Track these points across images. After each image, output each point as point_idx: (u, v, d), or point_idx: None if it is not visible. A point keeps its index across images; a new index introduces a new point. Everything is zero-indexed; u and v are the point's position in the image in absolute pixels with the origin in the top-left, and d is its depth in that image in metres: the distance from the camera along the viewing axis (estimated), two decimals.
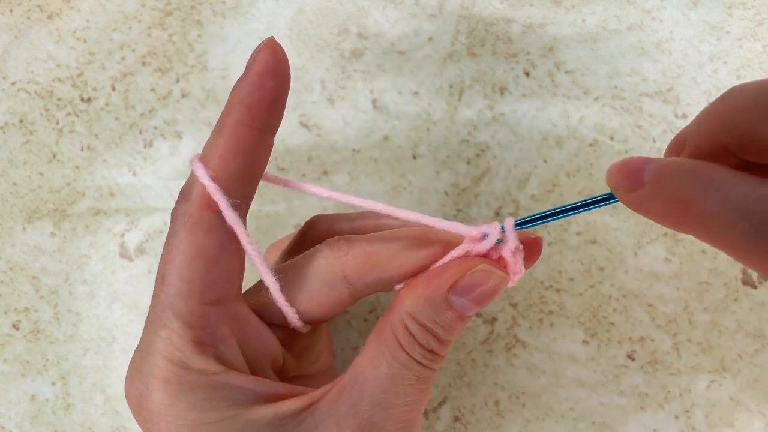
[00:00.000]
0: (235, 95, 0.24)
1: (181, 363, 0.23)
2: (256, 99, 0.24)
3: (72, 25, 0.38)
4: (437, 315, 0.24)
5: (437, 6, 0.37)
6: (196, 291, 0.24)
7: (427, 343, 0.24)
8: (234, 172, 0.24)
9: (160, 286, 0.24)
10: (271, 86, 0.24)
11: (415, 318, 0.24)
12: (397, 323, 0.24)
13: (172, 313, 0.23)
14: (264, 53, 0.24)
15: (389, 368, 0.23)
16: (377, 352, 0.24)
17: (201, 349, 0.23)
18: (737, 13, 0.36)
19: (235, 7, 0.38)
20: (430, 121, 0.36)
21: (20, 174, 0.37)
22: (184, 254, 0.24)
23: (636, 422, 0.33)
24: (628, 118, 0.35)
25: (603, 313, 0.34)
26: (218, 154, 0.24)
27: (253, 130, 0.24)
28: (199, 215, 0.24)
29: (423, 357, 0.24)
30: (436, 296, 0.24)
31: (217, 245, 0.24)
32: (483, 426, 0.33)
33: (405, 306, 0.24)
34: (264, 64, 0.24)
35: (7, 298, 0.36)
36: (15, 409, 0.35)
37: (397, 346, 0.24)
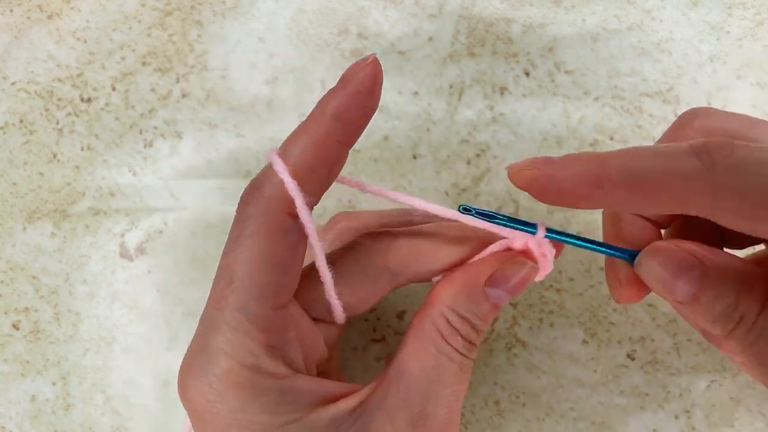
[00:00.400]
0: (327, 106, 0.24)
1: (254, 367, 0.23)
2: (352, 117, 0.24)
3: (72, 25, 0.38)
4: (475, 306, 0.25)
5: (437, 6, 0.37)
6: (270, 295, 0.23)
7: (467, 333, 0.25)
8: (314, 179, 0.24)
9: (227, 287, 0.23)
10: (368, 107, 0.24)
11: (455, 310, 0.25)
12: (437, 317, 0.25)
13: (245, 316, 0.23)
14: (368, 71, 0.24)
15: (435, 360, 0.24)
16: (420, 346, 0.25)
17: (272, 352, 0.23)
18: (737, 13, 0.36)
19: (235, 7, 0.38)
20: (430, 121, 0.36)
21: (20, 174, 0.37)
22: (257, 257, 0.23)
23: (636, 422, 0.33)
24: (628, 118, 0.35)
25: (603, 313, 0.34)
26: (302, 157, 0.24)
27: (340, 145, 0.24)
28: (275, 216, 0.24)
29: (464, 347, 0.25)
30: (474, 289, 0.25)
31: (289, 249, 0.24)
32: (483, 426, 0.33)
33: (445, 300, 0.25)
34: (368, 82, 0.24)
35: (7, 298, 0.36)
36: (15, 409, 0.35)
37: (440, 338, 0.25)
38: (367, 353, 0.34)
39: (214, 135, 0.36)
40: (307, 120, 0.24)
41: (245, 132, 0.36)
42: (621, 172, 0.22)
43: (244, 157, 0.36)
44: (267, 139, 0.36)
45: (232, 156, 0.36)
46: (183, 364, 0.24)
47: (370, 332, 0.35)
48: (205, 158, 0.36)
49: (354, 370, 0.34)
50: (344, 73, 0.24)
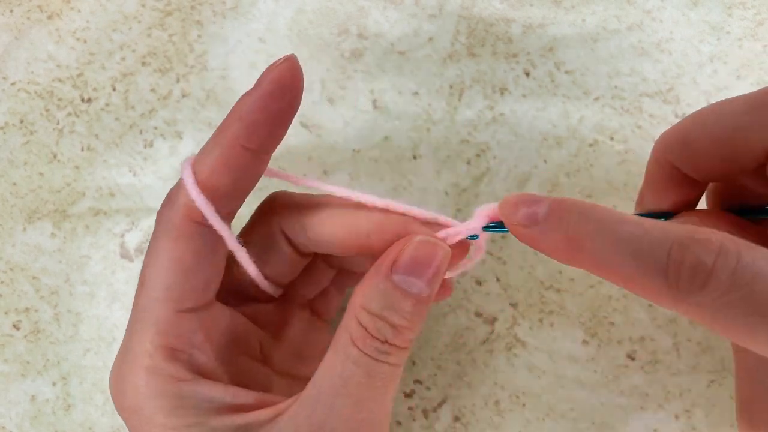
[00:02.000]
0: (237, 109, 0.24)
1: (151, 369, 0.23)
2: (255, 119, 0.23)
3: (72, 25, 0.38)
4: (387, 300, 0.23)
5: (437, 6, 0.37)
6: (172, 298, 0.24)
7: (379, 332, 0.22)
8: (222, 187, 0.24)
9: (140, 290, 0.25)
10: (275, 109, 0.23)
11: (366, 308, 0.23)
12: (349, 319, 0.23)
13: (147, 318, 0.24)
14: (276, 73, 0.23)
15: (341, 368, 0.23)
16: (332, 354, 0.23)
17: (173, 355, 0.24)
18: (737, 13, 0.36)
19: (235, 7, 0.38)
20: (430, 121, 0.36)
21: (20, 174, 0.37)
22: (163, 261, 0.24)
23: (636, 422, 0.33)
24: (628, 118, 0.35)
25: (603, 313, 0.34)
26: (210, 166, 0.24)
27: (247, 151, 0.24)
28: (181, 223, 0.24)
29: (375, 350, 0.23)
30: (380, 279, 0.23)
31: (195, 254, 0.24)
32: (483, 426, 0.33)
33: (356, 300, 0.23)
34: (273, 85, 0.23)
35: (7, 298, 0.36)
36: (15, 410, 0.35)
37: (348, 343, 0.23)
38: None
39: None
40: (220, 125, 0.24)
41: None
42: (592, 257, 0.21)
43: None
44: None
45: None
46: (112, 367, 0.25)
47: None
48: None
49: None
50: (260, 77, 0.23)
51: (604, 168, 0.35)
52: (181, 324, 0.24)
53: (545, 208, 0.22)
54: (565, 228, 0.22)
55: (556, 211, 0.22)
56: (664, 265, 0.20)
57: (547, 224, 0.22)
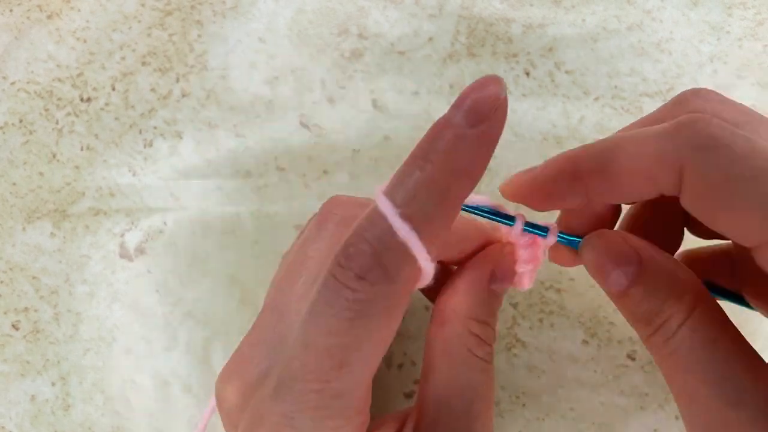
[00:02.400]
0: (462, 161, 0.20)
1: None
2: (478, 174, 0.21)
3: (72, 25, 0.38)
4: (489, 308, 0.25)
5: (437, 6, 0.37)
6: (369, 378, 0.22)
7: (488, 337, 0.25)
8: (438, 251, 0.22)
9: (336, 371, 0.20)
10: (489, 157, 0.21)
11: (475, 318, 0.25)
12: (461, 330, 0.25)
13: (345, 405, 0.21)
14: (502, 112, 0.20)
15: (469, 379, 0.24)
16: (450, 366, 0.24)
17: None
18: (737, 13, 0.36)
19: (235, 7, 0.38)
20: (430, 121, 0.36)
21: (20, 174, 0.37)
22: (376, 344, 0.21)
23: (636, 422, 0.33)
24: (628, 118, 0.35)
25: (603, 313, 0.34)
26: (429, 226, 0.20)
27: (460, 207, 0.22)
28: (404, 299, 0.21)
29: (488, 354, 0.25)
30: (482, 290, 0.25)
31: (396, 327, 0.22)
32: None
33: (461, 311, 0.25)
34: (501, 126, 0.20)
35: (7, 298, 0.36)
36: (15, 410, 0.35)
37: (469, 355, 0.24)
38: None
39: (214, 135, 0.36)
40: (427, 174, 0.20)
41: (245, 132, 0.36)
42: (593, 160, 0.22)
43: (244, 157, 0.36)
44: (267, 139, 0.36)
45: (232, 156, 0.36)
46: None
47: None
48: (205, 158, 0.36)
49: None
50: (469, 106, 0.20)
51: None
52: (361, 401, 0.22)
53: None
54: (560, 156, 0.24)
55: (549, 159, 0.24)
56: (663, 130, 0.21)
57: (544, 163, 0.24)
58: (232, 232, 0.35)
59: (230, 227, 0.35)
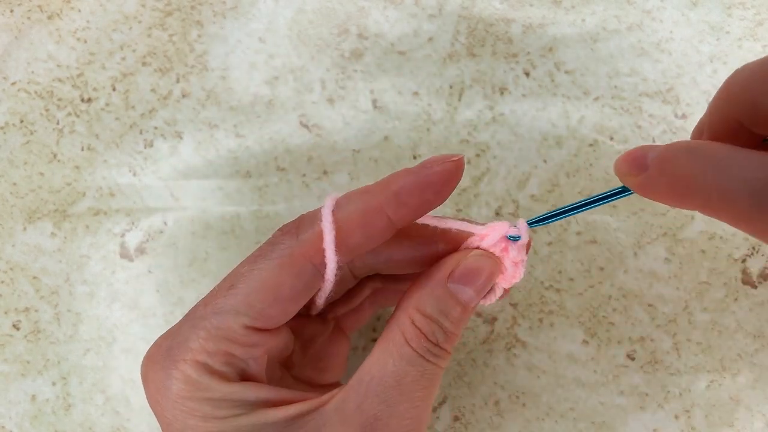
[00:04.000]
0: (394, 181, 0.24)
1: (206, 367, 0.24)
2: (412, 203, 0.24)
3: (72, 25, 0.38)
4: (441, 305, 0.24)
5: (437, 6, 0.37)
6: (250, 315, 0.24)
7: (432, 334, 0.24)
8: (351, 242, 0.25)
9: (224, 290, 0.25)
10: (427, 198, 0.24)
11: (420, 310, 0.24)
12: (403, 319, 0.25)
13: (218, 321, 0.24)
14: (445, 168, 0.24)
15: (394, 366, 0.24)
16: (383, 351, 0.24)
17: (230, 360, 0.24)
18: (737, 14, 0.36)
19: (235, 8, 0.38)
20: (430, 121, 0.36)
21: (20, 174, 0.37)
22: (260, 280, 0.24)
23: (636, 422, 0.33)
24: (628, 118, 0.35)
25: (603, 313, 0.34)
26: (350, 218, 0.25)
27: (389, 222, 0.25)
28: (298, 258, 0.25)
29: (428, 352, 0.24)
30: (437, 284, 0.25)
31: (292, 290, 0.25)
32: (483, 426, 0.33)
33: (410, 302, 0.25)
34: (437, 177, 0.24)
35: (7, 298, 0.36)
36: (15, 409, 0.35)
37: (403, 342, 0.24)
38: (367, 353, 0.34)
39: (214, 135, 0.36)
40: (372, 185, 0.25)
41: (245, 132, 0.36)
42: (708, 198, 0.22)
43: (244, 157, 0.36)
44: (267, 139, 0.36)
45: (232, 156, 0.36)
46: (152, 345, 0.25)
47: (369, 332, 0.35)
48: (205, 158, 0.36)
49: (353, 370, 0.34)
50: (428, 158, 0.25)
51: (604, 168, 0.35)
52: (248, 338, 0.24)
53: (655, 154, 0.23)
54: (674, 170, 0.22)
55: (665, 153, 0.23)
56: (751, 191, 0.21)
57: (657, 168, 0.23)
58: (232, 232, 0.35)
59: (230, 227, 0.35)
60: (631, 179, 0.24)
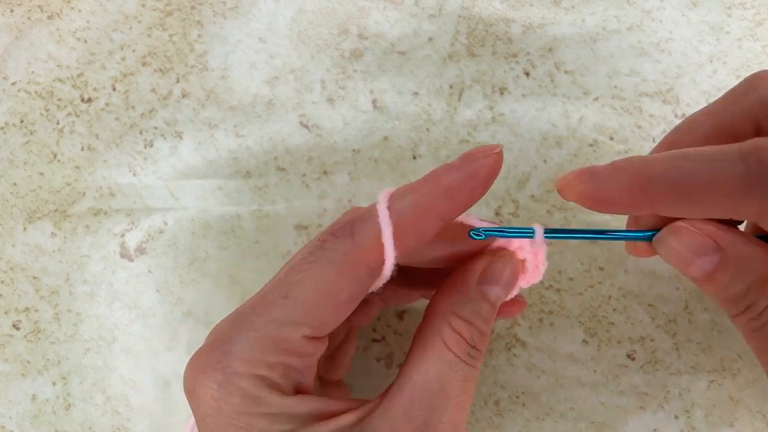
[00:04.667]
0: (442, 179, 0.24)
1: (264, 379, 0.23)
2: (461, 198, 0.24)
3: (72, 25, 0.38)
4: (475, 306, 0.25)
5: (437, 6, 0.37)
6: (310, 326, 0.24)
7: (471, 337, 0.25)
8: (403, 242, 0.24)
9: (279, 300, 0.24)
10: (477, 193, 0.24)
11: (457, 314, 0.25)
12: (441, 324, 0.25)
13: (277, 332, 0.24)
14: (491, 160, 0.24)
15: (438, 371, 0.24)
16: (424, 356, 0.25)
17: (287, 373, 0.24)
18: (737, 14, 0.36)
19: (235, 8, 0.38)
20: (430, 121, 0.36)
21: (21, 174, 0.37)
22: (317, 288, 0.24)
23: (636, 422, 0.33)
24: (628, 118, 0.35)
25: (603, 313, 0.34)
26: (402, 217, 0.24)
27: (439, 220, 0.24)
28: (357, 263, 0.24)
29: (467, 355, 0.24)
30: (469, 288, 0.25)
31: (350, 296, 0.24)
32: (483, 425, 0.33)
33: (446, 307, 0.25)
34: (487, 170, 0.24)
35: (7, 298, 0.36)
36: (15, 409, 0.35)
37: (443, 348, 0.24)
38: (367, 353, 0.34)
39: (214, 135, 0.36)
40: (420, 182, 0.24)
41: (245, 132, 0.36)
42: (664, 181, 0.22)
43: (244, 157, 0.36)
44: (267, 139, 0.36)
45: (232, 156, 0.36)
46: (196, 355, 0.24)
47: (370, 332, 0.35)
48: (205, 158, 0.36)
49: (354, 370, 0.34)
50: (468, 152, 0.24)
51: None
52: (306, 348, 0.24)
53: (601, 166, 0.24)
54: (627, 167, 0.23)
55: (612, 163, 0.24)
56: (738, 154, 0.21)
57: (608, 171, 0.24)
58: (232, 232, 0.35)
59: (230, 227, 0.35)
60: (581, 186, 0.24)
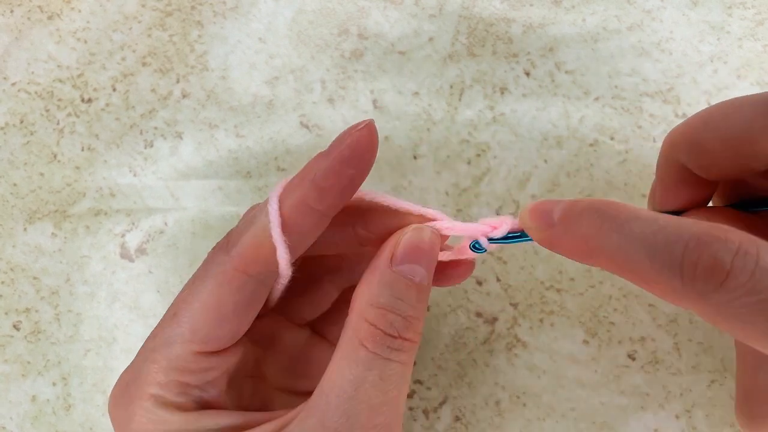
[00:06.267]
0: (310, 170, 0.24)
1: (160, 399, 0.24)
2: (327, 185, 0.23)
3: (72, 25, 0.38)
4: (394, 290, 0.23)
5: (437, 6, 0.37)
6: (198, 341, 0.24)
7: (390, 326, 0.22)
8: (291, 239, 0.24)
9: (169, 320, 0.24)
10: (347, 174, 0.23)
11: (373, 303, 0.23)
12: (356, 319, 0.23)
13: (167, 352, 0.24)
14: (354, 138, 0.23)
15: (351, 372, 0.22)
16: (340, 357, 0.23)
17: (184, 390, 0.24)
18: (737, 13, 0.36)
19: (235, 8, 0.38)
20: (430, 121, 0.36)
21: (21, 175, 0.37)
22: (201, 303, 0.24)
23: (637, 422, 0.33)
24: (629, 118, 0.35)
25: (603, 313, 0.34)
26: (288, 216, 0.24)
27: (317, 213, 0.24)
28: (232, 273, 0.24)
29: (387, 349, 0.22)
30: (384, 272, 0.23)
31: (235, 305, 0.24)
32: (484, 426, 0.33)
33: (361, 299, 0.23)
34: (350, 150, 0.23)
35: (7, 298, 0.36)
36: (16, 410, 0.35)
37: (357, 345, 0.22)
38: None
39: (214, 135, 0.36)
40: (294, 178, 0.24)
41: (245, 132, 0.36)
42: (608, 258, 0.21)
43: (244, 158, 0.36)
44: (267, 139, 0.36)
45: (232, 156, 0.36)
46: (115, 383, 0.25)
47: None
48: (206, 159, 0.36)
49: None
50: (338, 136, 0.24)
51: (605, 168, 0.35)
52: (200, 364, 0.24)
53: (559, 211, 0.22)
54: (578, 229, 0.22)
55: (570, 212, 0.22)
56: (680, 262, 0.19)
57: (562, 226, 0.22)
58: None
59: (230, 227, 0.35)
60: (538, 234, 0.23)
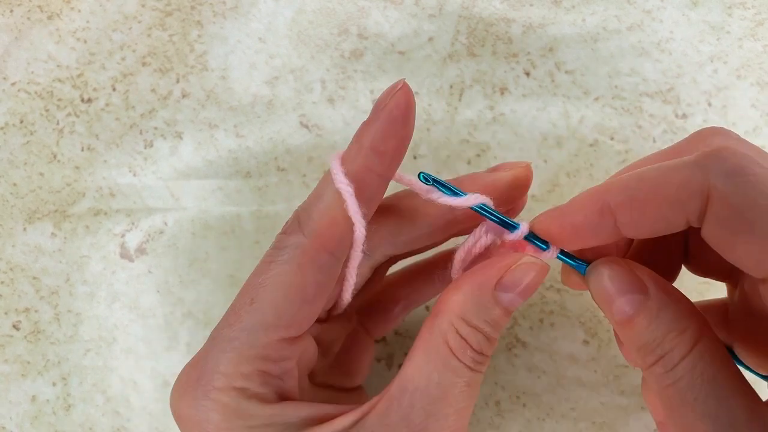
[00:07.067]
0: (366, 139, 0.24)
1: (243, 390, 0.23)
2: (389, 149, 0.24)
3: (72, 25, 0.38)
4: (486, 313, 0.24)
5: (437, 6, 0.37)
6: (282, 327, 0.23)
7: (478, 344, 0.24)
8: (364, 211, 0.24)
9: (246, 306, 0.24)
10: (403, 136, 0.24)
11: (466, 319, 0.24)
12: (447, 328, 0.24)
13: (249, 340, 0.23)
14: (398, 99, 0.23)
15: (440, 377, 0.23)
16: (427, 359, 0.24)
17: (266, 380, 0.24)
18: (737, 13, 0.36)
19: (235, 8, 0.38)
20: (430, 121, 0.36)
21: (20, 174, 0.37)
22: (283, 286, 0.23)
23: (637, 422, 0.33)
24: (629, 118, 0.35)
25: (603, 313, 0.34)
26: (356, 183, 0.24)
27: (380, 178, 0.24)
28: (314, 253, 0.24)
29: (473, 361, 0.24)
30: (484, 294, 0.24)
31: (318, 286, 0.24)
32: (484, 426, 0.33)
33: (454, 309, 0.24)
34: (400, 110, 0.23)
35: (7, 298, 0.36)
36: (15, 410, 0.35)
37: (448, 354, 0.23)
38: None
39: (214, 135, 0.36)
40: (347, 151, 0.24)
41: (245, 132, 0.36)
42: (622, 191, 0.22)
43: (244, 158, 0.36)
44: (267, 139, 0.36)
45: (232, 156, 0.36)
46: (179, 376, 0.24)
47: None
48: (205, 158, 0.36)
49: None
50: (376, 101, 0.24)
51: (605, 168, 0.35)
52: (280, 352, 0.24)
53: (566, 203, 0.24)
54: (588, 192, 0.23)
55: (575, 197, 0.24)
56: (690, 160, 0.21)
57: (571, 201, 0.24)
58: (232, 232, 0.35)
59: (230, 227, 0.35)
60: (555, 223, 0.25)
